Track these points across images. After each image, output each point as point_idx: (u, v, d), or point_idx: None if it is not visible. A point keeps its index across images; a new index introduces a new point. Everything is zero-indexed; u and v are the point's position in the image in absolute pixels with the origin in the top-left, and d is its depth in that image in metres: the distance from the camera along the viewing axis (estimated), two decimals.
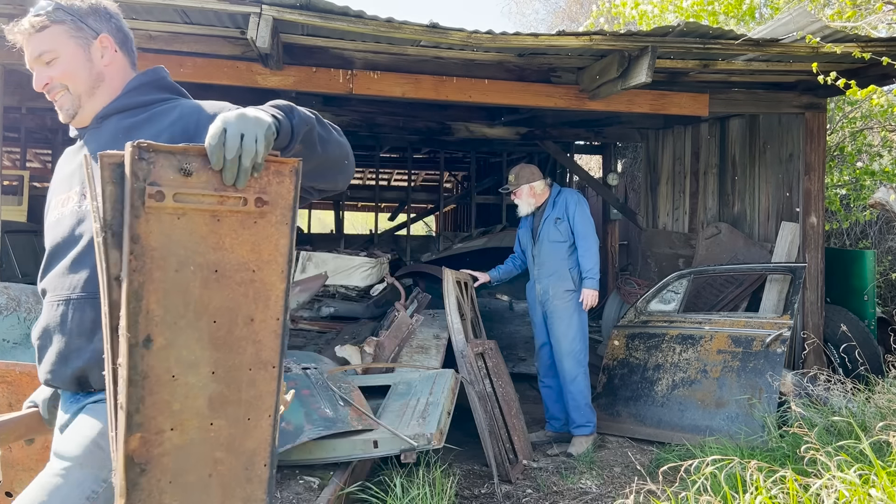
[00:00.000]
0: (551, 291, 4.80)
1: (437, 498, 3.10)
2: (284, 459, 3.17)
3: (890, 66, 4.10)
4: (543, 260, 4.87)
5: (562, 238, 4.80)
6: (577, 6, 16.86)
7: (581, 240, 4.75)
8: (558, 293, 4.78)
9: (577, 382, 4.74)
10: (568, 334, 4.75)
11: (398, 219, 14.12)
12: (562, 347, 4.77)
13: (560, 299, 4.77)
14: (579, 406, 4.74)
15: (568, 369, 4.75)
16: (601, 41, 4.13)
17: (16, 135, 10.59)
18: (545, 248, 4.85)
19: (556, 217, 4.82)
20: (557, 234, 4.81)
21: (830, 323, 5.54)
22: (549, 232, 4.84)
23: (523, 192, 4.93)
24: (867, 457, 2.54)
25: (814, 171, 5.62)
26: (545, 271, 4.86)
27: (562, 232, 4.79)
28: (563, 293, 4.76)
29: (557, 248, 4.81)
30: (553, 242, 4.82)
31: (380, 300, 7.09)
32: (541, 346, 4.98)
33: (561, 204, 4.86)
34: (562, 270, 4.79)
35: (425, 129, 7.84)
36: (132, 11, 3.96)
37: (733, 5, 7.35)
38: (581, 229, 4.76)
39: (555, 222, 4.82)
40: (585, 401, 4.76)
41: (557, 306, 4.77)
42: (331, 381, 3.60)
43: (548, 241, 4.84)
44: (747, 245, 6.17)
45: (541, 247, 4.89)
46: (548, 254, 4.83)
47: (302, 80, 4.71)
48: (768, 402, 4.45)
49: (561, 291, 4.77)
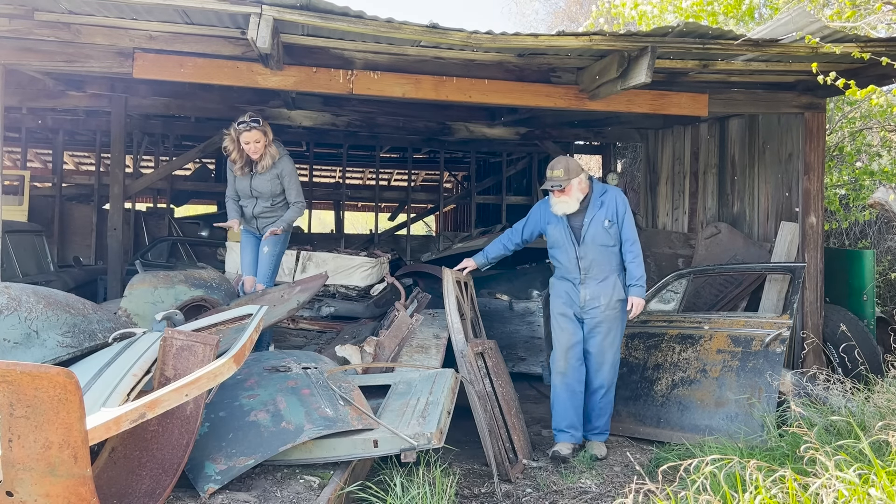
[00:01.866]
0: (603, 300, 4.47)
1: (437, 497, 3.11)
2: (284, 459, 3.18)
3: (889, 66, 4.11)
4: (591, 264, 4.48)
5: (612, 242, 4.46)
6: (577, 6, 16.86)
7: (632, 245, 4.46)
8: (611, 303, 4.48)
9: (612, 392, 4.63)
10: (615, 344, 4.56)
11: (398, 219, 14.12)
12: (606, 357, 4.54)
13: (612, 309, 4.48)
14: (607, 414, 4.64)
15: (609, 378, 4.58)
16: (601, 41, 4.14)
17: (16, 135, 10.60)
18: (593, 252, 4.47)
19: (606, 219, 4.44)
20: (608, 237, 4.45)
21: (830, 322, 5.55)
22: (597, 234, 4.45)
23: (574, 187, 4.43)
24: (866, 456, 2.55)
25: (813, 171, 5.62)
26: (593, 277, 4.49)
27: (612, 235, 4.45)
28: (616, 303, 4.48)
29: (608, 253, 4.47)
30: (603, 247, 4.46)
31: (380, 300, 7.10)
32: (573, 346, 4.55)
33: (610, 204, 4.48)
34: (612, 278, 4.50)
35: (425, 129, 7.85)
36: (132, 11, 3.97)
37: (733, 5, 7.35)
38: (631, 234, 4.46)
39: (605, 224, 4.44)
40: (613, 408, 4.71)
41: (609, 316, 4.48)
42: (331, 380, 3.60)
43: (597, 244, 4.46)
44: (747, 245, 6.18)
45: (587, 249, 4.48)
46: (597, 258, 4.47)
47: (302, 80, 4.72)
48: (768, 401, 4.45)
49: (614, 301, 4.48)
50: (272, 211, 5.21)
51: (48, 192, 10.93)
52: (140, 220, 11.18)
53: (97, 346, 3.44)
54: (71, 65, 4.56)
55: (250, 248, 5.33)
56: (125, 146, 6.86)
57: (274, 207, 5.21)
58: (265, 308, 3.50)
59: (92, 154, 12.55)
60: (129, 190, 7.17)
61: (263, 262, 5.19)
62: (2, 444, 2.13)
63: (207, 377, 2.52)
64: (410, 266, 8.42)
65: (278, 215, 5.22)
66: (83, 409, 2.15)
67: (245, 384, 3.46)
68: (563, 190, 4.41)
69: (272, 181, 5.10)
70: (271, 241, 5.17)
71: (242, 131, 4.85)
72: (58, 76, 5.73)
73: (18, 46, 4.40)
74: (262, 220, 5.24)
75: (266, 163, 5.00)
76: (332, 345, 5.50)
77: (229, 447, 3.03)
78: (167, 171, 9.56)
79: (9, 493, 2.15)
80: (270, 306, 4.25)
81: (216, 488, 2.86)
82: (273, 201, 5.18)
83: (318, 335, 6.41)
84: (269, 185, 5.10)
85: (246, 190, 5.15)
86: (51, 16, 4.11)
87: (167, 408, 2.41)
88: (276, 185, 5.12)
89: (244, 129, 4.84)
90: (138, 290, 4.64)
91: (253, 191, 5.14)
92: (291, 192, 5.17)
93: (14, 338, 3.13)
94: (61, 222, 10.39)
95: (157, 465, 2.75)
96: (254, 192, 5.14)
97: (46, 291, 3.59)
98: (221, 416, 3.22)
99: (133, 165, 11.42)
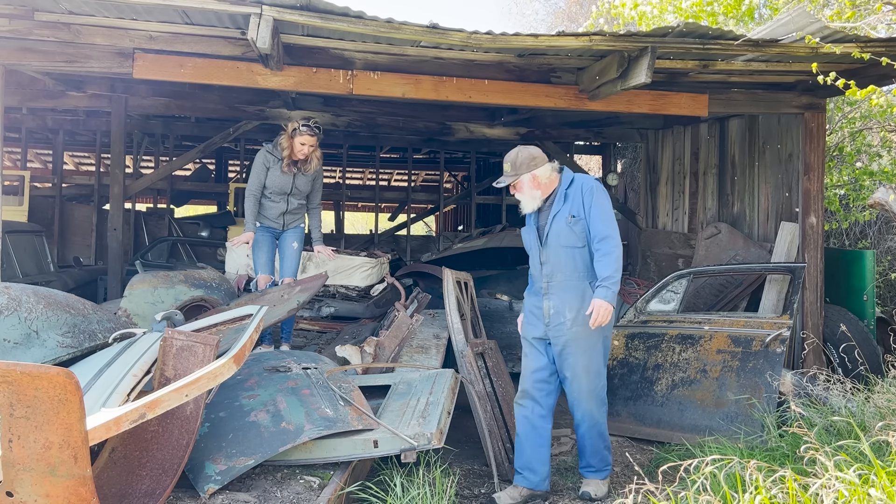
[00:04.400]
0: (569, 315, 3.67)
1: (437, 498, 3.11)
2: (284, 459, 3.18)
3: (889, 67, 4.11)
4: (553, 270, 3.73)
5: (579, 242, 3.68)
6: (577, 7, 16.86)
7: (600, 241, 3.63)
8: (578, 317, 3.65)
9: (599, 426, 3.78)
10: (590, 368, 3.69)
11: (398, 219, 14.12)
12: (582, 385, 3.71)
13: (581, 325, 3.65)
14: (598, 450, 3.82)
15: (591, 411, 3.75)
16: (601, 42, 4.14)
17: (17, 135, 10.60)
18: (556, 254, 3.72)
19: (569, 214, 3.69)
20: (572, 236, 3.68)
21: (830, 323, 5.55)
22: (560, 233, 3.70)
23: (524, 184, 3.76)
24: (866, 456, 2.55)
25: (813, 172, 5.63)
26: (557, 285, 3.72)
27: (577, 234, 3.68)
28: (585, 317, 3.62)
29: (574, 256, 3.69)
30: (568, 248, 3.69)
31: (380, 300, 7.10)
32: (532, 372, 3.82)
33: (575, 196, 3.71)
34: (580, 285, 3.68)
35: (425, 130, 7.85)
36: (132, 12, 3.98)
37: (732, 6, 7.35)
38: (601, 228, 3.63)
39: (567, 221, 3.69)
40: (605, 443, 3.85)
41: (578, 334, 3.67)
42: (331, 380, 3.61)
43: (560, 245, 3.70)
44: (747, 245, 6.18)
45: (549, 252, 3.75)
46: (560, 262, 3.71)
47: (302, 80, 4.72)
48: (768, 401, 4.45)
49: (582, 315, 3.63)
50: (301, 209, 5.48)
51: (48, 192, 10.93)
52: (140, 220, 11.18)
53: (97, 346, 3.44)
54: (71, 65, 4.56)
55: (267, 246, 5.41)
56: (125, 146, 6.86)
57: (301, 206, 5.48)
58: (265, 308, 3.50)
59: (92, 154, 12.56)
60: (129, 190, 7.17)
61: (293, 256, 5.44)
62: (2, 444, 2.13)
63: (207, 377, 2.52)
64: (410, 266, 8.42)
65: (303, 213, 5.54)
66: (83, 409, 2.15)
67: (245, 384, 3.47)
68: (515, 187, 3.82)
69: (310, 182, 5.40)
70: (299, 237, 5.47)
71: (304, 133, 5.08)
72: (58, 76, 5.73)
73: (18, 46, 4.40)
74: (290, 216, 5.43)
75: (314, 165, 5.28)
76: (332, 345, 5.50)
77: (229, 447, 3.03)
78: (167, 172, 9.56)
79: (9, 493, 2.15)
80: (270, 306, 4.25)
81: (216, 488, 2.86)
82: (304, 200, 5.47)
83: (318, 335, 6.41)
84: (309, 185, 5.41)
85: (287, 187, 5.31)
86: (51, 16, 4.12)
87: (167, 408, 2.41)
88: (309, 184, 5.42)
89: (307, 132, 5.08)
90: (138, 290, 4.65)
91: (294, 189, 5.34)
92: (319, 193, 5.55)
93: (14, 338, 3.13)
94: (61, 222, 10.39)
95: (157, 466, 2.75)
96: (294, 189, 5.35)
97: (46, 291, 3.59)
98: (221, 417, 3.22)
99: (133, 166, 11.43)
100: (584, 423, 3.78)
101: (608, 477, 3.88)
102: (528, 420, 3.78)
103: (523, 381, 3.86)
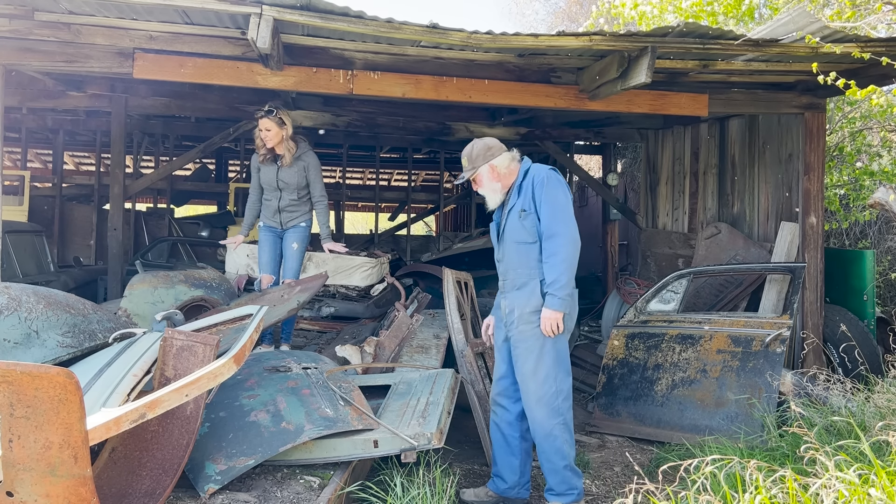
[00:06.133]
0: (517, 312, 3.48)
1: (437, 498, 3.10)
2: (285, 459, 3.18)
3: (889, 66, 4.11)
4: (507, 268, 3.56)
5: (529, 238, 3.45)
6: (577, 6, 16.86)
7: (549, 238, 3.36)
8: (524, 315, 3.44)
9: (552, 439, 3.43)
10: (538, 373, 3.42)
11: (398, 219, 14.13)
12: (529, 390, 3.45)
13: (527, 323, 3.43)
14: (556, 469, 3.47)
15: (539, 420, 3.44)
16: (601, 41, 4.14)
17: (17, 135, 10.61)
18: (509, 251, 3.54)
19: (520, 208, 3.47)
20: (523, 231, 3.46)
21: (830, 323, 5.55)
22: (513, 228, 3.50)
23: (483, 177, 3.55)
24: (867, 456, 2.55)
25: (813, 171, 5.63)
26: (511, 283, 3.54)
27: (528, 229, 3.44)
28: (531, 315, 3.42)
29: (525, 252, 3.47)
30: (519, 244, 3.48)
31: (380, 300, 7.10)
32: (499, 379, 3.68)
33: (527, 189, 3.48)
34: (530, 283, 3.45)
35: (425, 130, 7.85)
36: (132, 12, 3.98)
37: (732, 5, 7.35)
38: (551, 225, 3.36)
39: (519, 216, 3.47)
40: (565, 462, 3.46)
41: (522, 333, 3.44)
42: (331, 380, 3.61)
43: (513, 241, 3.51)
44: (747, 245, 6.18)
45: (504, 248, 3.58)
46: (513, 259, 3.52)
47: (302, 80, 4.72)
48: (768, 401, 4.45)
49: (527, 313, 3.43)
50: (298, 205, 5.34)
51: (48, 192, 10.94)
52: (140, 220, 11.19)
53: (97, 346, 3.44)
54: (71, 65, 4.56)
55: (269, 246, 5.41)
56: (125, 146, 6.86)
57: (300, 201, 5.34)
58: (265, 308, 3.50)
59: (92, 154, 12.57)
60: (129, 190, 7.17)
61: (294, 257, 5.34)
62: (2, 444, 2.13)
63: (207, 377, 2.52)
64: (410, 266, 8.43)
65: (303, 210, 5.37)
66: (83, 409, 2.15)
67: (245, 384, 3.47)
68: (475, 181, 3.61)
69: (298, 173, 5.26)
70: (300, 237, 5.34)
71: (260, 118, 5.07)
72: (58, 76, 5.73)
73: (18, 46, 4.41)
74: (286, 213, 5.34)
75: (286, 158, 5.18)
76: (332, 345, 5.50)
77: (229, 447, 3.03)
78: (167, 172, 9.56)
79: (9, 493, 2.14)
80: (270, 306, 4.25)
81: (216, 488, 2.86)
82: (299, 194, 5.32)
83: (318, 335, 6.42)
84: (296, 177, 5.26)
85: (273, 181, 5.28)
86: (51, 16, 4.12)
87: (167, 408, 2.41)
88: (302, 177, 5.28)
89: (261, 115, 5.06)
90: (138, 290, 4.65)
91: (280, 182, 5.28)
92: (316, 186, 5.33)
93: (14, 338, 3.13)
94: (61, 222, 10.39)
95: (158, 466, 2.75)
96: (280, 183, 5.28)
97: (46, 291, 3.59)
98: (222, 417, 3.22)
99: (133, 165, 11.43)
100: (537, 436, 3.49)
101: (579, 500, 3.50)
102: (498, 427, 3.69)
103: (492, 389, 3.77)
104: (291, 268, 5.34)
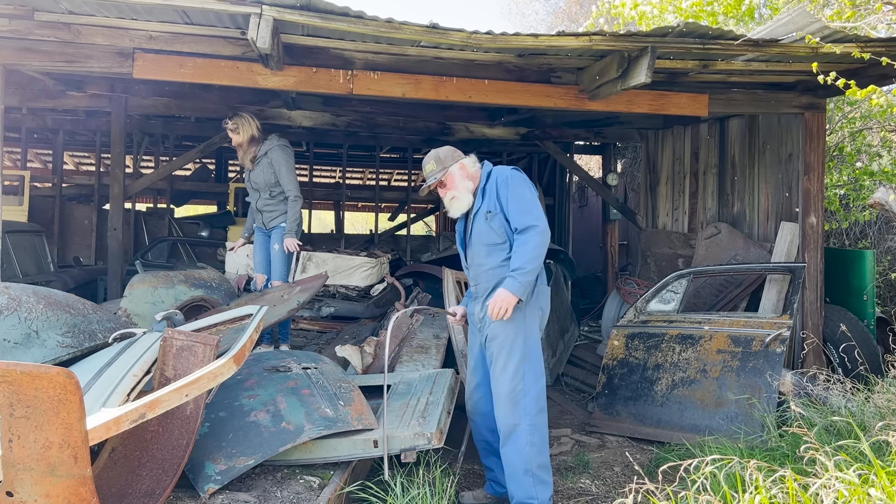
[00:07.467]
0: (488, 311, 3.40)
1: (437, 498, 3.10)
2: (284, 459, 3.18)
3: (889, 66, 4.11)
4: (478, 272, 3.50)
5: (498, 238, 3.41)
6: (577, 7, 16.86)
7: (521, 232, 3.31)
8: None
9: (514, 439, 3.32)
10: (507, 368, 3.35)
11: (398, 219, 14.12)
12: (498, 389, 3.38)
13: (497, 322, 3.37)
14: (514, 473, 3.32)
15: (503, 417, 3.36)
16: (601, 41, 4.14)
17: (17, 135, 10.60)
18: (479, 255, 3.48)
19: (486, 210, 3.43)
20: (491, 233, 3.41)
21: (830, 323, 5.55)
22: (481, 231, 3.46)
23: (455, 175, 3.51)
24: (866, 456, 2.55)
25: (813, 171, 5.63)
26: (483, 287, 3.49)
27: (496, 230, 3.40)
28: None
29: (494, 254, 3.43)
30: (488, 246, 3.44)
31: (380, 300, 7.10)
32: (476, 386, 3.62)
33: (491, 191, 3.45)
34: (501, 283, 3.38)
35: (425, 130, 7.85)
36: (132, 12, 3.98)
37: (732, 5, 7.35)
38: (519, 219, 3.32)
39: (486, 217, 3.43)
40: (525, 466, 3.29)
41: (494, 329, 3.41)
42: (331, 380, 3.61)
43: (481, 244, 3.46)
44: (747, 245, 6.18)
45: (473, 253, 3.52)
46: (483, 262, 3.46)
47: (302, 80, 4.72)
48: (768, 401, 4.45)
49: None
50: (274, 204, 5.34)
51: (48, 192, 10.93)
52: (140, 220, 11.18)
53: (97, 346, 3.44)
54: (71, 65, 4.56)
55: (260, 246, 5.51)
56: (125, 146, 6.86)
57: (275, 200, 5.34)
58: (265, 308, 3.50)
59: (92, 154, 12.56)
60: (129, 190, 7.17)
61: (276, 258, 5.33)
62: (2, 444, 2.13)
63: (207, 377, 2.52)
64: (410, 266, 8.43)
65: (281, 210, 5.34)
66: (83, 409, 2.15)
67: (245, 384, 3.47)
68: (444, 184, 3.54)
69: (265, 171, 5.29)
70: (281, 238, 5.31)
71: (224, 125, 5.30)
72: (58, 76, 5.73)
73: (18, 46, 4.41)
74: (266, 213, 5.38)
75: (246, 160, 5.33)
76: (332, 345, 5.51)
77: (229, 447, 3.03)
78: (167, 172, 9.55)
79: (9, 493, 2.15)
80: (270, 306, 4.25)
81: (216, 488, 2.86)
82: (271, 192, 5.32)
83: (318, 335, 6.42)
84: (263, 175, 5.30)
85: (249, 184, 5.42)
86: (51, 16, 4.12)
87: (167, 408, 2.41)
88: (270, 174, 5.29)
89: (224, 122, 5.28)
90: (138, 290, 4.65)
91: (252, 183, 5.37)
92: (283, 179, 5.26)
93: (14, 338, 3.13)
94: (61, 222, 10.39)
95: (157, 466, 2.75)
96: (253, 184, 5.37)
97: (46, 291, 3.59)
98: (222, 417, 3.22)
99: (133, 165, 11.43)
100: (500, 434, 3.40)
101: None
102: (481, 436, 3.65)
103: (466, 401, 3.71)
104: (276, 269, 5.35)
